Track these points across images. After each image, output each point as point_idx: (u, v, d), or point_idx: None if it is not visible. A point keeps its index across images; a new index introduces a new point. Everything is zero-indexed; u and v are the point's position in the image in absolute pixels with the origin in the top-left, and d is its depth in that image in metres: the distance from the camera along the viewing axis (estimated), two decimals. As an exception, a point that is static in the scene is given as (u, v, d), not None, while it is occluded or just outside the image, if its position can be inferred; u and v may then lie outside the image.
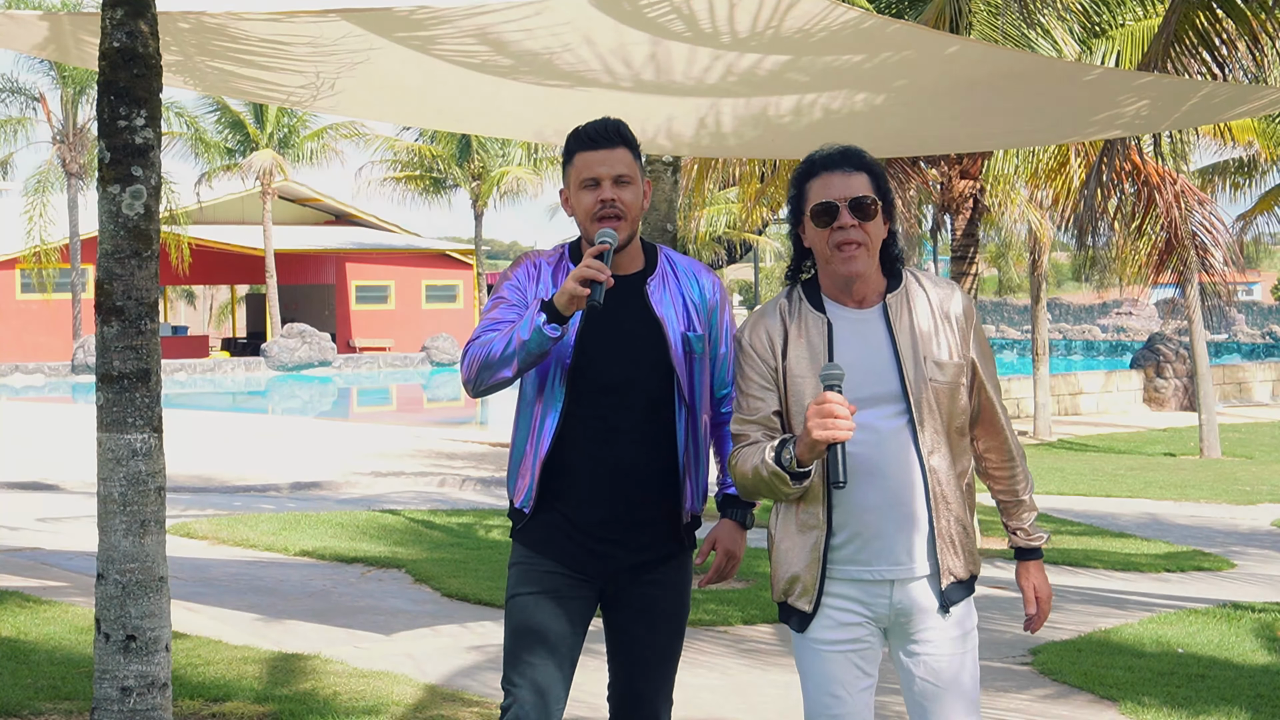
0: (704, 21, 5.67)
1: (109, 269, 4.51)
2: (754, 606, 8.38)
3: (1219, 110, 7.80)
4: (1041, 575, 3.54)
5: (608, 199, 3.65)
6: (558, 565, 3.71)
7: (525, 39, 5.86)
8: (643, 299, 3.73)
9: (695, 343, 3.75)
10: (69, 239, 38.73)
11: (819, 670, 3.38)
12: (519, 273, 3.78)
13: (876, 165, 3.39)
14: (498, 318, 3.69)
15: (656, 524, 3.75)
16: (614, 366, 3.69)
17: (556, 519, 3.71)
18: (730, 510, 3.88)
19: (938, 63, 6.45)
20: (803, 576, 3.36)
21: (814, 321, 3.36)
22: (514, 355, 3.56)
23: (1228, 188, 24.58)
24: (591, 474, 3.68)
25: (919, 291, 3.41)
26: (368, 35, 5.82)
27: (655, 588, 3.78)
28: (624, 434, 3.68)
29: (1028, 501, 3.55)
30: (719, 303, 3.83)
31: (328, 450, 18.26)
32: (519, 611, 3.72)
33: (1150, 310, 49.35)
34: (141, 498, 4.48)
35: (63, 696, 5.81)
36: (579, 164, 3.69)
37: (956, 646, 3.38)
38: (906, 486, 3.31)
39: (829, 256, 3.33)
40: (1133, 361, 30.13)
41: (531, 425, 3.73)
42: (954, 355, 3.36)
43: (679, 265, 3.82)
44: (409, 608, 8.31)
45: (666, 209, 9.37)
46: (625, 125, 3.74)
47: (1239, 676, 6.89)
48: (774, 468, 3.23)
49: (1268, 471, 17.89)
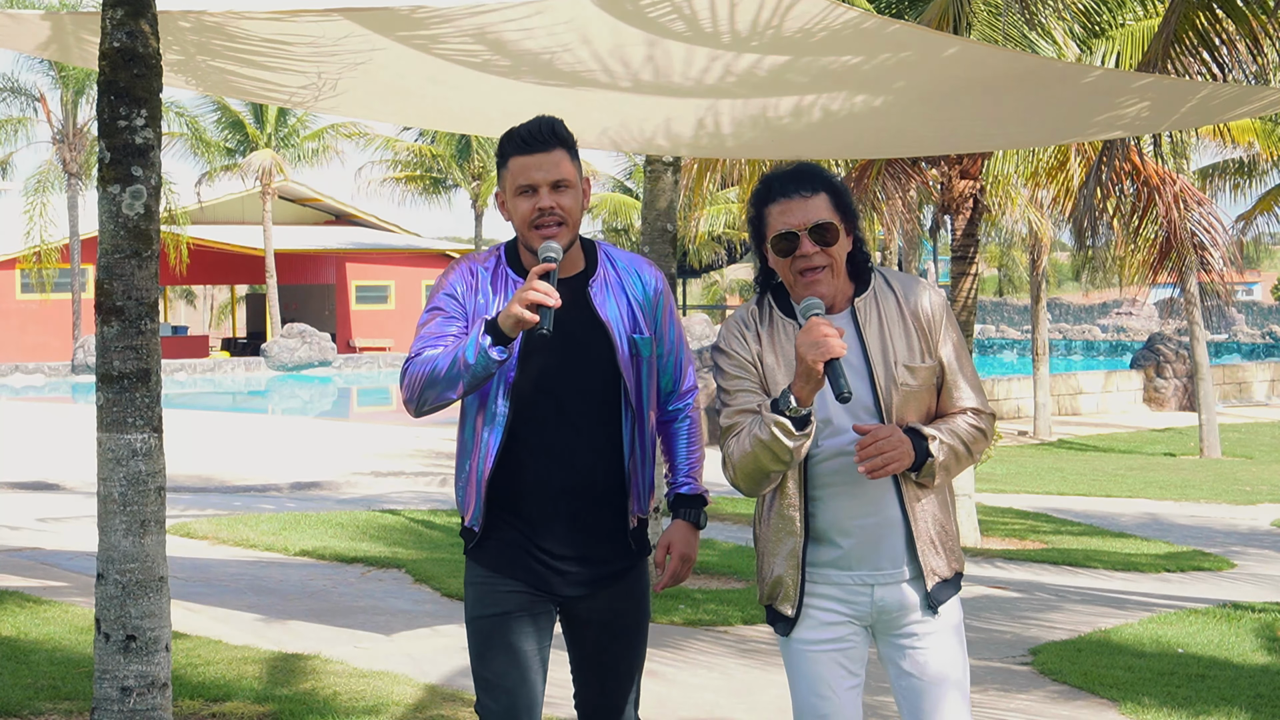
0: (705, 21, 5.66)
1: (109, 269, 4.51)
2: (754, 606, 8.38)
3: (1219, 111, 7.80)
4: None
5: (546, 207, 3.50)
6: (517, 583, 3.59)
7: (525, 39, 5.85)
8: (586, 303, 3.60)
9: (642, 345, 3.64)
10: (69, 239, 38.72)
11: (805, 671, 3.39)
12: (454, 280, 3.62)
13: (835, 180, 3.35)
14: (436, 332, 3.54)
15: (612, 534, 3.64)
16: (559, 376, 3.56)
17: (512, 535, 3.59)
18: (682, 510, 3.74)
19: (938, 64, 6.45)
20: (785, 580, 3.37)
21: (785, 327, 3.36)
22: (458, 377, 3.41)
23: (1228, 188, 24.59)
24: (542, 488, 3.56)
25: (887, 293, 3.39)
26: (369, 36, 5.81)
27: (616, 600, 3.67)
28: (571, 444, 3.56)
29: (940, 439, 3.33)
30: (662, 297, 3.70)
31: (328, 450, 18.26)
32: (484, 635, 3.62)
33: (1150, 310, 49.34)
34: (141, 498, 4.48)
35: (63, 696, 5.81)
36: (514, 169, 3.53)
37: (944, 640, 3.37)
38: (881, 489, 3.31)
39: (793, 281, 3.33)
40: (1133, 361, 30.13)
41: (475, 442, 3.60)
42: (924, 358, 3.34)
43: (619, 263, 3.69)
44: (409, 608, 8.31)
45: (666, 209, 9.37)
46: (561, 124, 3.57)
47: (1239, 676, 6.89)
48: (774, 417, 3.17)
49: (1268, 471, 17.89)
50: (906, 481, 3.31)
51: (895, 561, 3.33)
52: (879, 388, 3.30)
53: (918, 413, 3.33)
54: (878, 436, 3.20)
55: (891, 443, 3.20)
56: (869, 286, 3.38)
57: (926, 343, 3.35)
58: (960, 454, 3.33)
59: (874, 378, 3.30)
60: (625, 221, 45.66)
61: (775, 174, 3.37)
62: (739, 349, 3.39)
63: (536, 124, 3.55)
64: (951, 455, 3.30)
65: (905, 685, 3.39)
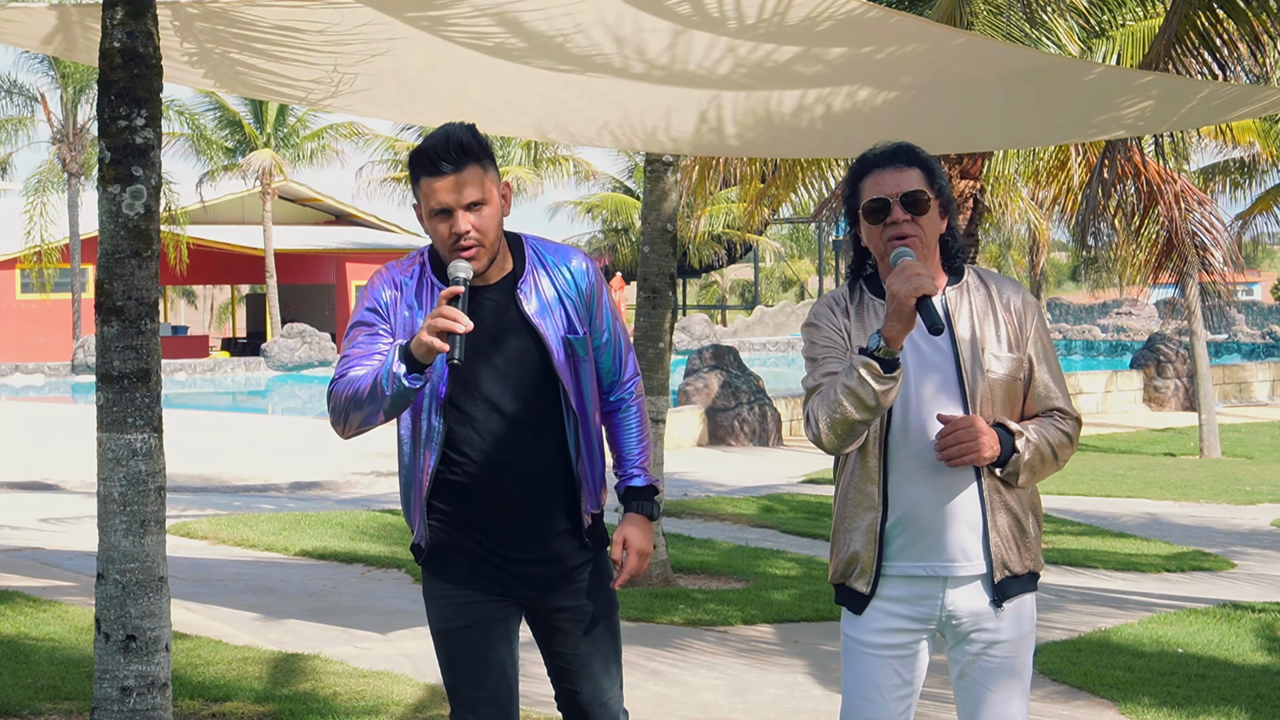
0: (711, 6, 5.65)
1: (109, 269, 4.51)
2: (754, 606, 8.38)
3: (1221, 111, 7.80)
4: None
5: (462, 231, 3.36)
6: (477, 592, 3.54)
7: (540, 20, 5.79)
8: (516, 307, 3.48)
9: (578, 345, 3.52)
10: (69, 239, 38.71)
11: (859, 671, 3.40)
12: (376, 293, 3.49)
13: (931, 161, 3.36)
14: (360, 351, 3.43)
15: (563, 533, 3.57)
16: (494, 385, 3.47)
17: (466, 544, 3.53)
18: (635, 503, 3.64)
19: (941, 60, 6.45)
20: (861, 556, 3.35)
21: (875, 307, 3.37)
22: (379, 404, 3.32)
23: (1228, 188, 24.58)
24: (487, 496, 3.49)
25: (980, 286, 3.40)
26: (382, 24, 5.77)
27: (580, 596, 3.61)
28: (514, 451, 3.48)
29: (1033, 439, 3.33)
30: (594, 287, 3.57)
31: (328, 450, 18.25)
32: (452, 648, 3.57)
33: (1150, 310, 49.29)
34: (141, 498, 4.48)
35: (63, 696, 5.81)
36: (425, 191, 3.38)
37: (1009, 642, 3.35)
38: (961, 482, 3.30)
39: (884, 251, 3.32)
40: (1133, 361, 30.10)
41: (413, 460, 3.53)
42: (1013, 349, 3.35)
43: (549, 257, 3.55)
44: (409, 608, 8.30)
45: (667, 209, 9.36)
46: (470, 133, 3.38)
47: (1239, 676, 6.88)
48: (863, 359, 3.15)
49: (1268, 471, 17.88)
50: (988, 476, 3.30)
51: (968, 554, 3.31)
52: (965, 375, 3.30)
53: (1004, 409, 3.33)
54: (957, 426, 3.21)
55: (971, 433, 3.21)
56: (961, 278, 3.40)
57: (1016, 337, 3.36)
58: (1047, 457, 3.33)
59: (960, 365, 3.30)
60: (625, 221, 45.66)
61: (872, 150, 3.39)
62: (828, 321, 3.39)
63: (444, 141, 3.37)
64: (1038, 456, 3.30)
65: (965, 685, 3.40)
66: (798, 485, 15.90)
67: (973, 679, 3.38)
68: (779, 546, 11.09)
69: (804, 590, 9.00)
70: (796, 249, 64.72)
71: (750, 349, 39.03)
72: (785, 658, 7.23)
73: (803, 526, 12.21)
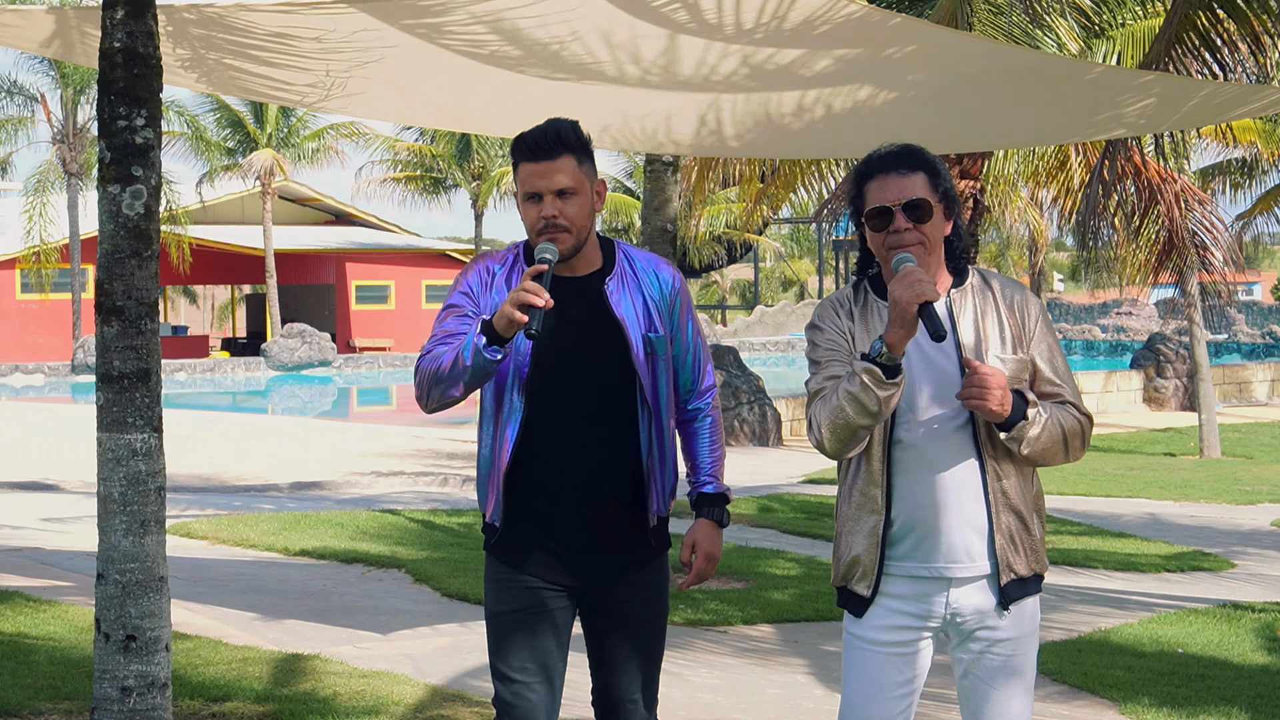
0: (709, 12, 5.65)
1: (109, 269, 4.51)
2: (754, 606, 8.38)
3: (1221, 110, 7.80)
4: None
5: (549, 215, 3.55)
6: (534, 578, 3.65)
7: (535, 27, 5.80)
8: (601, 300, 3.64)
9: (657, 343, 3.66)
10: (69, 239, 38.70)
11: (859, 668, 3.40)
12: (471, 279, 3.68)
13: (935, 162, 3.36)
14: (449, 330, 3.60)
15: (627, 529, 3.66)
16: (574, 373, 3.61)
17: (529, 531, 3.64)
18: (706, 509, 3.76)
19: (941, 59, 6.45)
20: (863, 559, 3.35)
21: (878, 309, 3.37)
22: (460, 376, 3.47)
23: (1228, 188, 24.57)
24: (557, 483, 3.61)
25: (985, 289, 3.40)
26: (377, 31, 5.78)
27: (632, 593, 3.70)
28: (587, 441, 3.61)
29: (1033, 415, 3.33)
30: (679, 296, 3.72)
31: (328, 450, 18.25)
32: (502, 629, 3.66)
33: (1150, 310, 49.29)
34: (141, 498, 4.48)
35: (63, 696, 5.81)
36: (522, 175, 3.59)
37: (1013, 644, 3.36)
38: (965, 483, 3.30)
39: (886, 258, 3.32)
40: (1133, 361, 30.10)
41: (494, 438, 3.65)
42: (1017, 350, 3.34)
43: (638, 262, 3.72)
44: (409, 608, 8.30)
45: (667, 209, 9.37)
46: (570, 128, 3.59)
47: (1239, 676, 6.89)
48: (865, 365, 3.16)
49: (1268, 471, 17.87)
50: (993, 476, 3.30)
51: (973, 555, 3.31)
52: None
53: None
54: (984, 372, 3.21)
55: (995, 379, 3.20)
56: (966, 280, 3.40)
57: (1020, 338, 3.35)
58: (1055, 438, 3.31)
59: (964, 367, 3.29)
60: (625, 221, 45.66)
61: (876, 152, 3.39)
62: (831, 323, 3.40)
63: (543, 130, 3.57)
64: (1047, 433, 3.28)
65: (969, 684, 3.40)
66: (798, 485, 15.90)
67: (976, 678, 3.39)
68: (779, 546, 11.09)
69: (804, 590, 9.00)
70: (797, 249, 64.73)
71: (750, 349, 39.05)
72: (785, 657, 7.23)
73: (803, 526, 12.20)
